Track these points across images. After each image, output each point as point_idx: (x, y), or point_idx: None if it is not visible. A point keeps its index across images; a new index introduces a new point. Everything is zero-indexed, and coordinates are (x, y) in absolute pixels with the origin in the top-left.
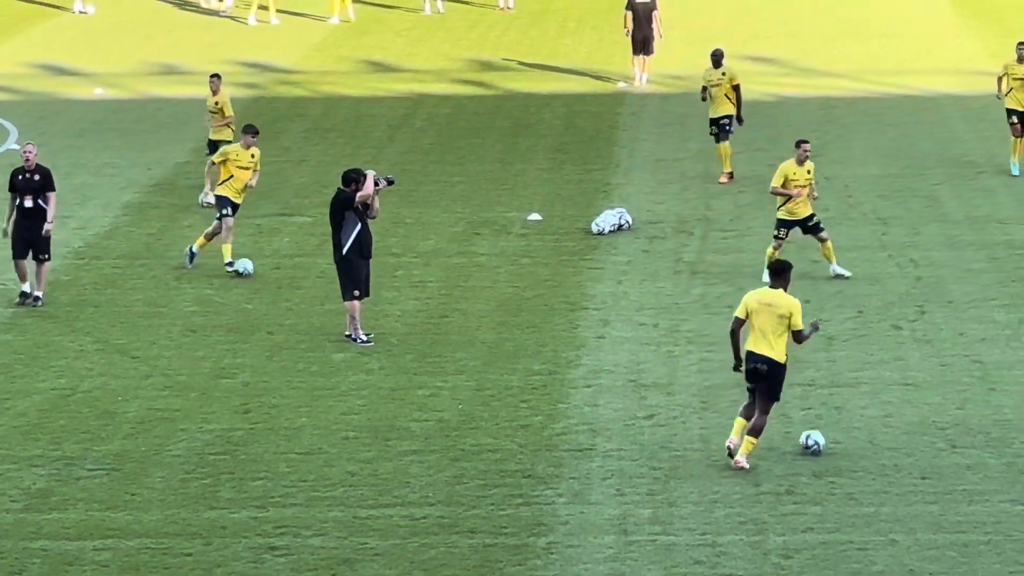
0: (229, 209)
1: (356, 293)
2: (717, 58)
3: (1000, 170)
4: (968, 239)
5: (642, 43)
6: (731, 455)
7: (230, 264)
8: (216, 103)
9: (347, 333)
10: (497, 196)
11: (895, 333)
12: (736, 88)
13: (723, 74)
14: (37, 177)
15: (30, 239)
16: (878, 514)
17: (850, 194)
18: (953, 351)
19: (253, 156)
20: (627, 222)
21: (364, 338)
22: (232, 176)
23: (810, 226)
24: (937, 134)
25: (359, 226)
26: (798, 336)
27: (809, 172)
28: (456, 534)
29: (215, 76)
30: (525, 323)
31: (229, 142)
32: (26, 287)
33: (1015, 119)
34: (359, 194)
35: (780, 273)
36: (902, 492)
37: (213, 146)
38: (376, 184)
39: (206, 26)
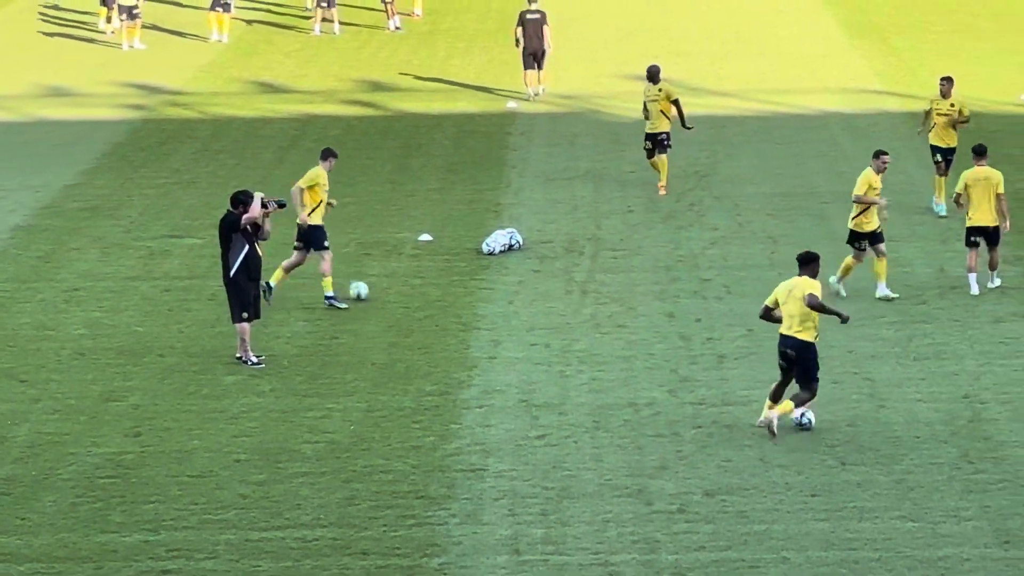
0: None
1: (245, 315)
2: (653, 74)
3: (888, 187)
4: None
5: (533, 56)
6: (770, 431)
7: (333, 298)
8: None
9: (238, 355)
10: (388, 217)
11: None
12: (675, 103)
13: (660, 90)
14: None
15: None
16: (770, 532)
17: (740, 212)
18: (843, 368)
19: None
20: (518, 242)
21: (255, 360)
22: (321, 202)
23: (876, 237)
24: (825, 152)
25: (247, 248)
26: (809, 300)
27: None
28: (348, 555)
29: None
30: (416, 344)
31: None
32: None
33: (939, 157)
34: (245, 216)
35: (807, 262)
36: (793, 510)
37: None
38: (265, 206)
39: (94, 49)
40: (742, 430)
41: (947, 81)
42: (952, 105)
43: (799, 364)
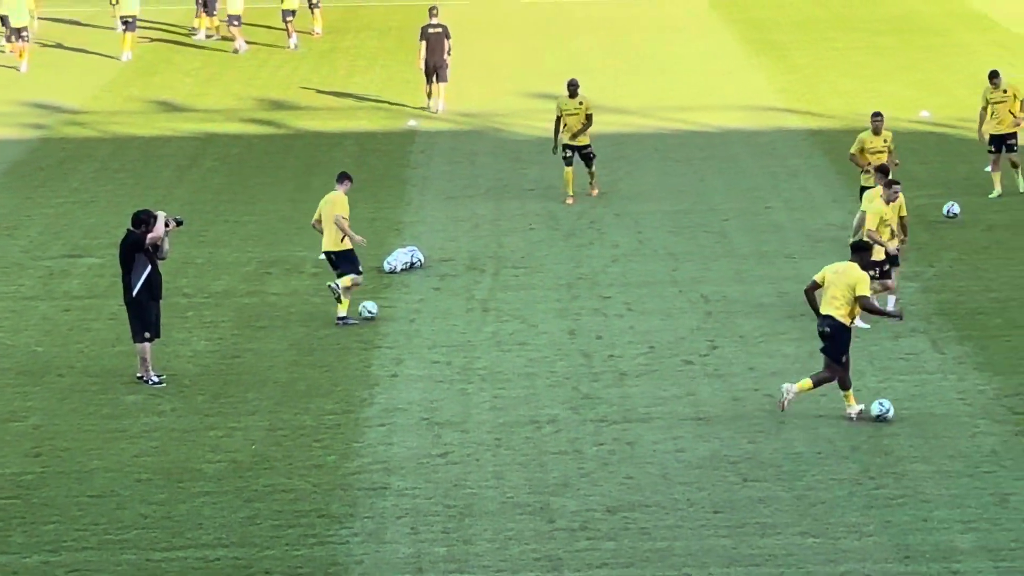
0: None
1: (147, 335)
2: (574, 88)
3: (788, 204)
4: (757, 274)
5: (434, 70)
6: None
7: (345, 319)
8: None
9: (139, 375)
10: (288, 235)
11: (687, 368)
12: (588, 118)
13: (580, 103)
14: None
15: None
16: (672, 549)
17: (640, 230)
18: (744, 385)
19: None
20: (419, 260)
21: (156, 379)
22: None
23: (884, 270)
24: (726, 170)
25: (149, 268)
26: (862, 302)
27: (894, 211)
28: (251, 575)
29: None
30: (318, 362)
31: None
32: None
33: None
34: (149, 236)
35: (859, 250)
36: (695, 526)
37: None
38: (166, 225)
39: None
40: (644, 447)
41: (878, 117)
42: (885, 141)
43: (832, 341)
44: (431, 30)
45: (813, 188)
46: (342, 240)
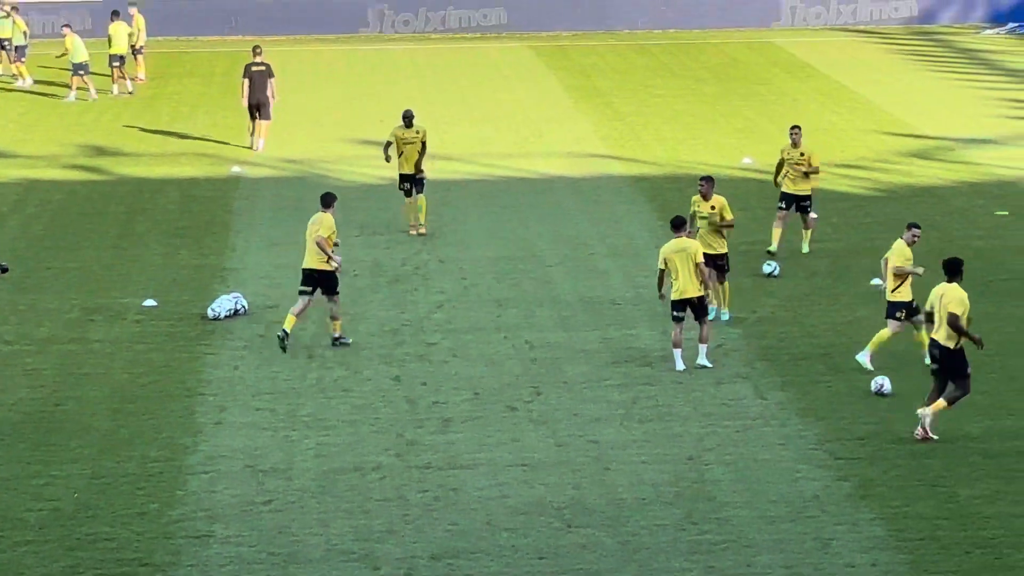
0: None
1: None
2: (409, 118)
3: (612, 251)
4: (581, 320)
5: (257, 108)
6: (923, 429)
7: (340, 337)
8: None
9: None
10: (112, 281)
11: (511, 414)
12: (424, 145)
13: (417, 132)
14: None
15: None
16: None
17: (465, 276)
18: (568, 431)
19: None
20: (243, 307)
21: None
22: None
23: (913, 308)
24: (550, 216)
25: None
26: (950, 319)
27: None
28: None
29: None
30: (141, 410)
31: None
32: None
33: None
34: None
35: (957, 271)
36: (520, 573)
37: None
38: None
39: None
40: (468, 493)
41: (707, 182)
42: (713, 208)
43: (945, 367)
44: (254, 68)
45: (637, 235)
46: (327, 261)
